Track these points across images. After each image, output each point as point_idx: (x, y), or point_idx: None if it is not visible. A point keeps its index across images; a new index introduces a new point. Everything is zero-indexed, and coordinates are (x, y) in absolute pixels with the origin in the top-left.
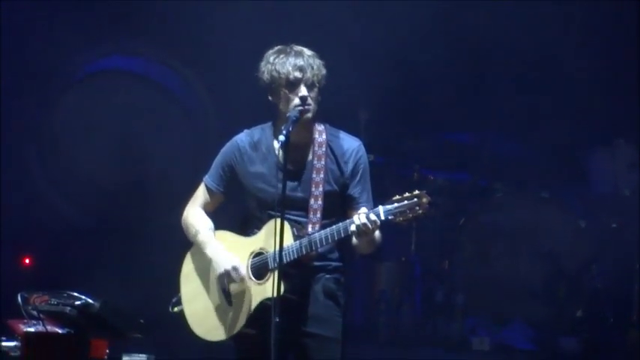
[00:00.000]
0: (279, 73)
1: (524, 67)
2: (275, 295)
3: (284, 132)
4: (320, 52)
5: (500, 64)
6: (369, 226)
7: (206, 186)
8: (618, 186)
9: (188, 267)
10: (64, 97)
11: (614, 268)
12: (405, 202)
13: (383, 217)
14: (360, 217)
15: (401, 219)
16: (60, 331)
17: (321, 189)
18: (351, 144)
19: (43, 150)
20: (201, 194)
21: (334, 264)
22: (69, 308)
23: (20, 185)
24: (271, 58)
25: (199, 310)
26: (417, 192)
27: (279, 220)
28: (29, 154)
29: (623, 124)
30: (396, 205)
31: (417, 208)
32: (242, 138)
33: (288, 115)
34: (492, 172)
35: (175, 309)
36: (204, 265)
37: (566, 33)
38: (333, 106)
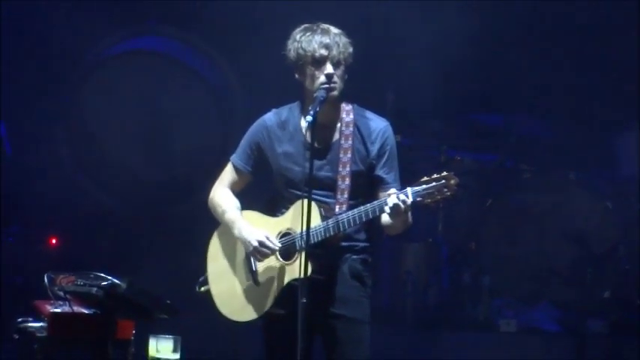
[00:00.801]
0: (305, 50)
1: (552, 48)
2: (302, 276)
3: (311, 112)
4: (348, 33)
5: (528, 44)
6: (401, 206)
7: (234, 165)
8: None
9: (215, 247)
10: (92, 79)
11: None
12: (433, 183)
13: (411, 199)
14: (391, 198)
15: (429, 200)
16: (86, 312)
17: (348, 169)
18: (378, 124)
19: (71, 132)
20: (228, 174)
21: (361, 244)
22: (95, 289)
23: (49, 168)
24: (298, 36)
25: (226, 290)
26: (445, 173)
27: (306, 201)
28: (58, 137)
29: None
30: (424, 186)
31: (445, 189)
32: (270, 117)
33: (315, 95)
34: (519, 153)
35: (202, 289)
36: (231, 245)
37: (599, 11)
38: (361, 87)
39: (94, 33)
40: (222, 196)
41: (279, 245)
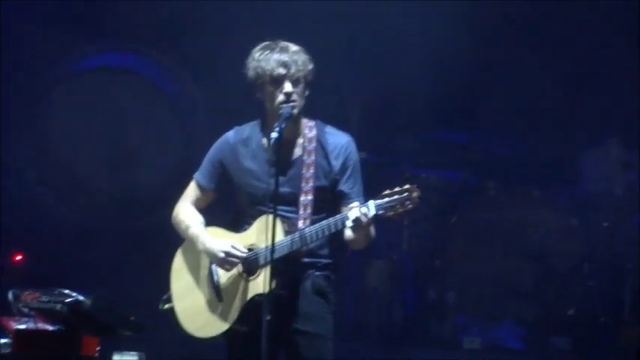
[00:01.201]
0: (263, 69)
1: (515, 65)
2: (266, 291)
3: (276, 129)
4: (310, 51)
5: (491, 62)
6: (362, 220)
7: (197, 183)
8: (610, 185)
9: (179, 263)
10: (55, 95)
11: (606, 267)
12: (396, 196)
13: (374, 212)
14: (353, 211)
15: (392, 213)
16: (51, 328)
17: (311, 184)
18: (340, 139)
19: (35, 148)
20: (191, 191)
21: (324, 261)
22: (60, 305)
23: (12, 183)
24: (256, 55)
25: (190, 307)
26: (407, 186)
27: (270, 216)
28: (21, 152)
29: (616, 123)
30: (386, 199)
31: (408, 202)
32: (232, 134)
33: (280, 112)
34: (484, 170)
35: (166, 306)
36: (194, 261)
37: (557, 31)
38: (324, 105)
39: (58, 49)
40: (186, 212)
41: (246, 251)
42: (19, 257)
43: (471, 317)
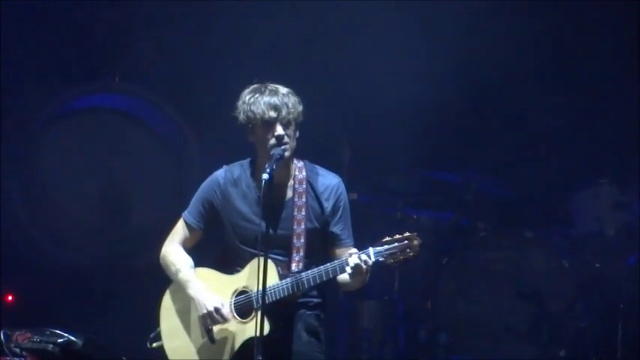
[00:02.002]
0: (254, 113)
1: (507, 108)
2: (258, 334)
3: (267, 170)
4: (301, 90)
5: (484, 104)
6: (362, 267)
7: (185, 222)
8: (602, 226)
9: (168, 303)
10: (47, 133)
11: (598, 308)
12: (396, 243)
13: (373, 259)
14: (352, 258)
15: (391, 261)
16: None
17: (303, 226)
18: (331, 181)
19: (26, 187)
20: (180, 230)
21: (315, 300)
22: (51, 345)
23: (5, 223)
24: (246, 98)
25: (180, 347)
26: (407, 234)
27: (262, 259)
28: (12, 191)
29: (607, 165)
30: (386, 247)
31: (408, 250)
32: (221, 174)
33: (271, 153)
34: (476, 211)
35: (154, 345)
36: (185, 302)
37: (550, 70)
38: (315, 145)
39: (48, 89)
40: (175, 254)
41: (232, 318)
42: (10, 297)
43: (463, 358)
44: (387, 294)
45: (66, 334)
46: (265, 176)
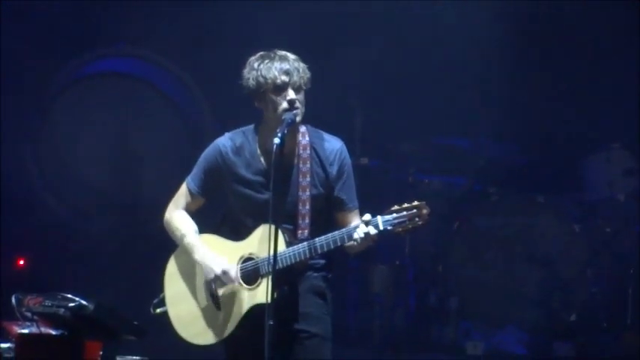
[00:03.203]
0: (265, 78)
1: (519, 72)
2: (269, 301)
3: (279, 135)
4: (315, 56)
5: (495, 67)
6: (370, 235)
7: (188, 188)
8: (613, 191)
9: (173, 269)
10: (60, 99)
11: (609, 273)
12: (404, 212)
13: (382, 228)
14: (361, 227)
15: (400, 230)
16: (53, 333)
17: (308, 193)
18: (334, 145)
19: (40, 152)
20: (183, 195)
21: (321, 262)
22: (63, 310)
23: (16, 186)
24: (255, 64)
25: (185, 313)
26: (416, 202)
27: (268, 226)
28: (26, 156)
29: (619, 129)
30: (394, 215)
31: (417, 219)
32: (224, 142)
33: (283, 117)
34: (487, 176)
35: (157, 310)
36: (190, 268)
37: (562, 36)
38: (328, 111)
39: (64, 53)
40: (180, 219)
41: (237, 280)
42: (21, 262)
43: (473, 323)
44: (397, 259)
45: (77, 299)
46: (277, 141)
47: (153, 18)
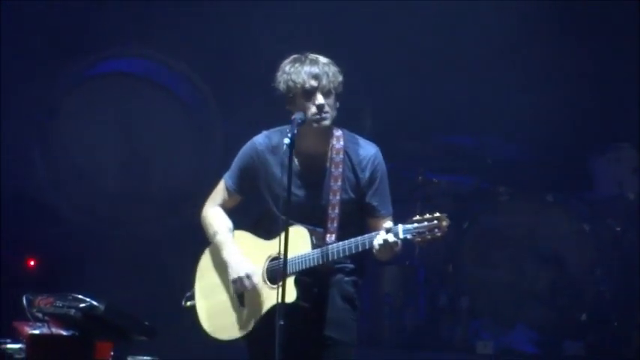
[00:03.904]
0: (294, 82)
1: (528, 69)
2: (280, 301)
3: (289, 134)
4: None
5: (503, 66)
6: (390, 243)
7: (226, 185)
8: (623, 190)
9: (205, 262)
10: (67, 98)
11: (619, 272)
12: (425, 223)
13: (401, 236)
14: (381, 234)
15: (419, 240)
16: (64, 334)
17: (338, 197)
18: (368, 151)
19: (47, 152)
20: (220, 192)
21: (351, 265)
22: (74, 310)
23: (25, 187)
24: (287, 68)
25: (211, 307)
26: (437, 214)
27: (296, 227)
28: (33, 156)
29: (628, 128)
30: (415, 225)
31: (437, 230)
32: (260, 141)
33: (292, 117)
34: (496, 175)
35: (188, 304)
36: (220, 264)
37: (568, 33)
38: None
39: (72, 53)
40: (214, 216)
41: (262, 279)
42: (32, 262)
43: (483, 322)
44: (408, 259)
45: (88, 299)
46: (287, 140)
47: (160, 17)
